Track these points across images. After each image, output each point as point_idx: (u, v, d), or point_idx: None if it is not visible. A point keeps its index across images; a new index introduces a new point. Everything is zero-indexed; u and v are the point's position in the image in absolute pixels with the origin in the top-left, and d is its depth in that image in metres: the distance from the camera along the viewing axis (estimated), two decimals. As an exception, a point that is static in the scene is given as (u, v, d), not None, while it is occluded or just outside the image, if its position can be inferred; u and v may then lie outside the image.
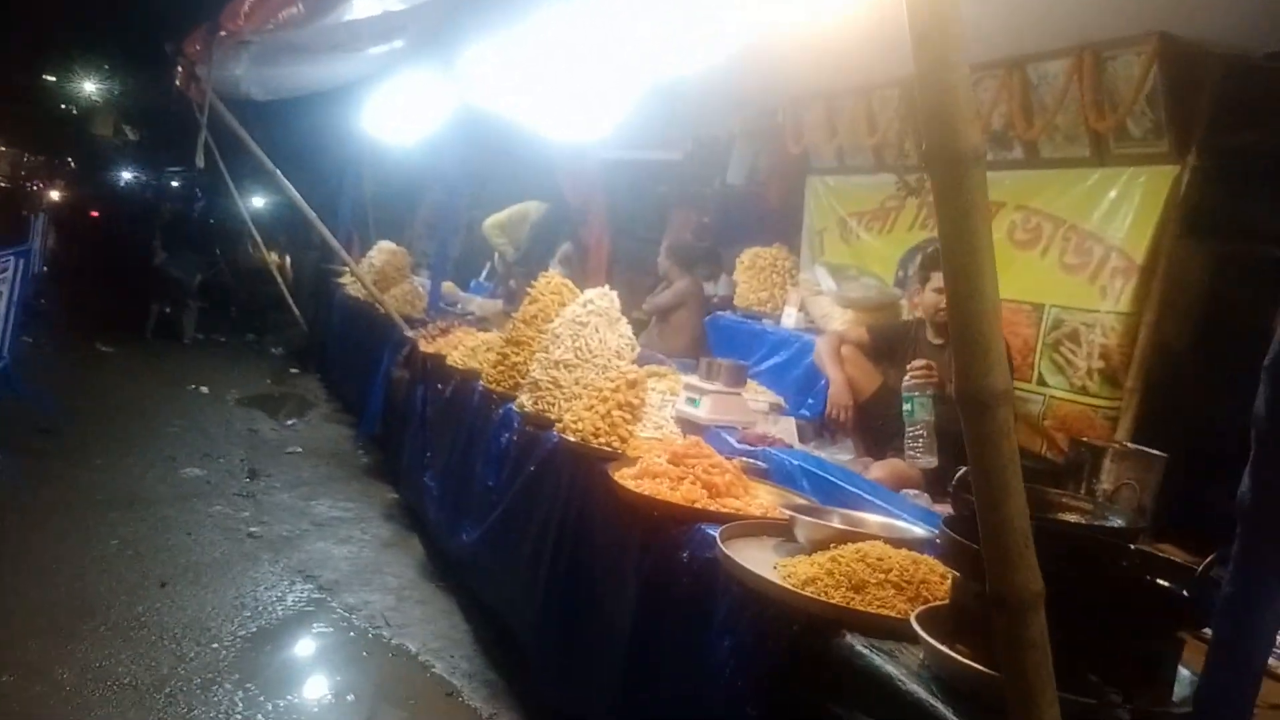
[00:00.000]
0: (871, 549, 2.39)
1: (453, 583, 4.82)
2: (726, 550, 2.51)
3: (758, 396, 4.36)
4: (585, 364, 4.09)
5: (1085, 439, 3.94)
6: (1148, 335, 4.09)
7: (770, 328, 5.19)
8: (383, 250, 9.09)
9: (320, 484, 6.33)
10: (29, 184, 19.80)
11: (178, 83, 7.64)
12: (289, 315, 11.24)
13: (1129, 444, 3.77)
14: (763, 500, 3.02)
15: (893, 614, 2.20)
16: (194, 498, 5.67)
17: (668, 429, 3.98)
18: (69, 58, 12.16)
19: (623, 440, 3.50)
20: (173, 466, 6.23)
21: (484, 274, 10.53)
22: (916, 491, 3.52)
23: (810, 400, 4.61)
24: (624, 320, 4.28)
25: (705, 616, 2.62)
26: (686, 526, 2.83)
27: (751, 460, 3.51)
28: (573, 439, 3.54)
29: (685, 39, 4.33)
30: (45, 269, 11.38)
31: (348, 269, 9.74)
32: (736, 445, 3.72)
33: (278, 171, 7.36)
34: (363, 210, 12.27)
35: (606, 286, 4.60)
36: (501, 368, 4.68)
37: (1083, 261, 4.38)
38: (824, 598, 2.25)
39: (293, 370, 10.58)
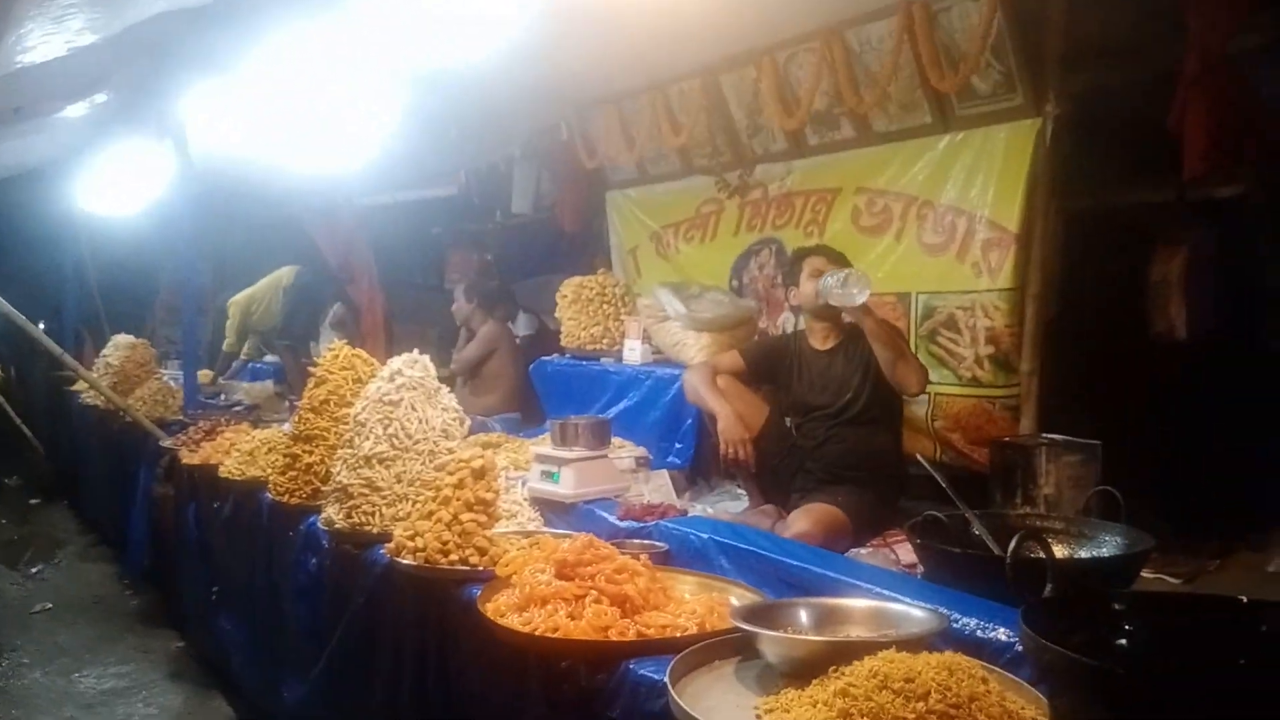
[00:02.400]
0: (889, 666, 1.70)
1: (275, 753, 3.82)
2: (683, 704, 1.76)
3: (619, 452, 3.64)
4: (405, 454, 3.24)
5: (1007, 438, 3.45)
6: (1036, 310, 3.66)
7: (612, 367, 4.48)
8: (120, 346, 7.75)
9: (83, 648, 5.08)
10: None
11: None
12: (22, 439, 9.58)
13: (1056, 436, 3.30)
14: (691, 604, 2.29)
15: (956, 766, 1.54)
16: (-90, 704, 4.38)
17: (523, 516, 3.19)
18: None
19: (481, 552, 2.67)
20: (-122, 665, 4.85)
21: (242, 353, 9.31)
22: (869, 549, 2.88)
23: (678, 445, 3.93)
24: (445, 390, 3.45)
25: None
26: (606, 669, 2.06)
27: (647, 542, 2.78)
28: (412, 561, 2.69)
29: (441, 35, 3.61)
30: None
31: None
32: (620, 524, 2.98)
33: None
34: (91, 303, 10.71)
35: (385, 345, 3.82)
36: (292, 473, 3.73)
37: (945, 240, 3.92)
38: (853, 759, 1.55)
39: (33, 502, 8.97)
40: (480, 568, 2.63)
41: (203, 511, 4.84)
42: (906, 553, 2.86)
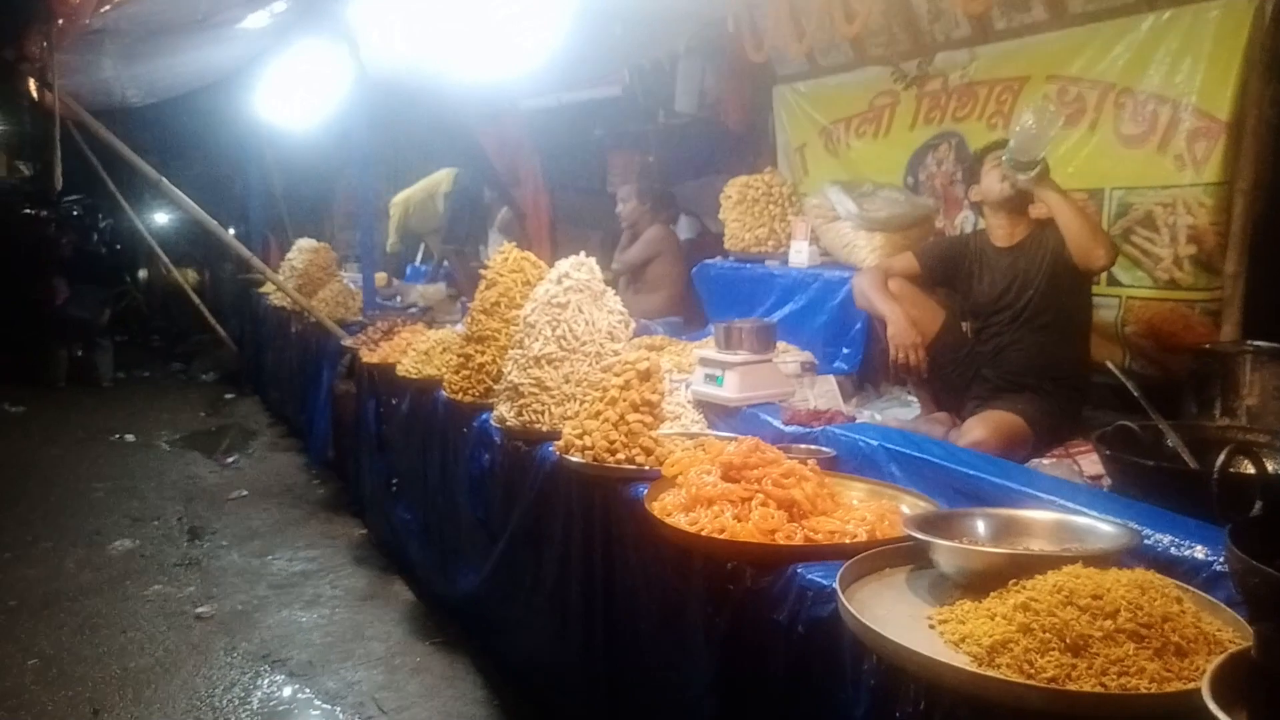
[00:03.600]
0: (1075, 582, 1.61)
1: (450, 636, 4.01)
2: (853, 610, 1.72)
3: (784, 357, 3.56)
4: (573, 354, 3.26)
5: (1207, 345, 3.20)
6: (1245, 206, 3.35)
7: (777, 269, 4.36)
8: (303, 250, 8.12)
9: (274, 532, 5.44)
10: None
11: (34, 95, 6.63)
12: (216, 336, 10.23)
13: (1262, 343, 3.03)
14: (860, 510, 2.23)
15: (1148, 686, 1.44)
16: (126, 579, 4.76)
17: (687, 418, 3.17)
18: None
19: (647, 452, 2.68)
20: (97, 542, 5.29)
21: (419, 257, 9.61)
22: (1051, 460, 2.74)
23: (845, 350, 3.82)
24: (610, 292, 3.44)
25: (832, 704, 1.84)
26: (772, 572, 2.04)
27: (814, 447, 2.72)
28: (580, 459, 2.72)
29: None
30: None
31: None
32: (785, 429, 2.93)
33: (163, 180, 6.37)
34: (275, 208, 11.23)
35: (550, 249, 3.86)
36: (465, 372, 3.83)
37: (1145, 130, 3.62)
38: (1034, 678, 1.48)
39: (228, 396, 9.59)
40: (646, 467, 2.64)
41: (381, 407, 5.05)
42: (1090, 464, 2.71)
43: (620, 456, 2.67)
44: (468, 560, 3.80)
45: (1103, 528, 1.88)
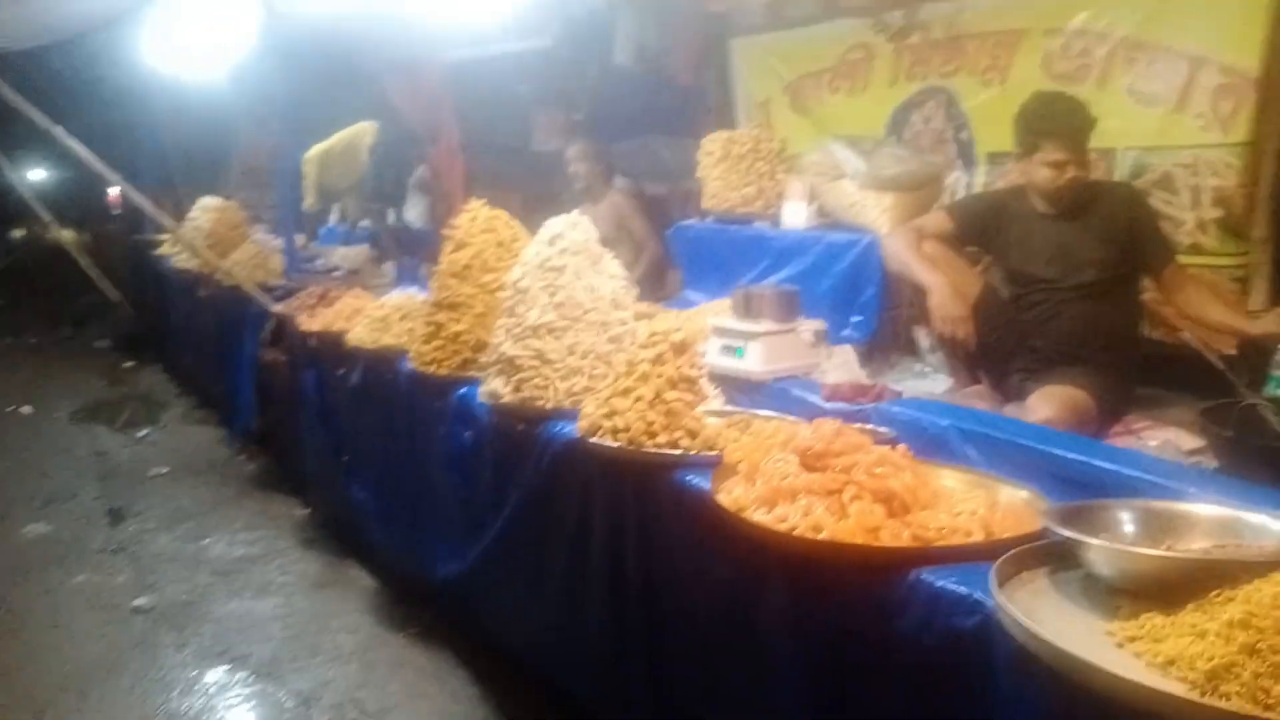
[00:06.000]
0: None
1: (426, 625, 3.68)
2: (1027, 624, 1.48)
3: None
4: (575, 324, 2.95)
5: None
6: (1275, 169, 3.23)
7: (769, 231, 4.09)
8: (208, 209, 7.53)
9: (206, 513, 4.99)
10: None
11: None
12: (108, 300, 9.49)
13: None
14: (968, 502, 1.98)
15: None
16: (47, 567, 4.29)
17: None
18: None
19: (692, 435, 2.40)
20: (9, 526, 4.79)
21: (332, 217, 9.04)
22: (1159, 440, 2.55)
23: (856, 318, 3.59)
24: (609, 255, 3.13)
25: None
26: (880, 578, 1.79)
27: (870, 427, 2.48)
28: (612, 443, 2.43)
29: None
30: None
31: (167, 237, 8.21)
32: (825, 406, 2.69)
33: (57, 127, 5.75)
34: (165, 166, 10.44)
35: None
36: (437, 342, 3.49)
37: (1162, 87, 3.46)
38: (1273, 709, 1.27)
39: (127, 364, 8.92)
40: (693, 452, 2.36)
41: (325, 378, 4.65)
42: (1157, 442, 2.55)
43: (662, 440, 2.39)
44: (448, 544, 3.47)
45: (1274, 523, 1.68)
